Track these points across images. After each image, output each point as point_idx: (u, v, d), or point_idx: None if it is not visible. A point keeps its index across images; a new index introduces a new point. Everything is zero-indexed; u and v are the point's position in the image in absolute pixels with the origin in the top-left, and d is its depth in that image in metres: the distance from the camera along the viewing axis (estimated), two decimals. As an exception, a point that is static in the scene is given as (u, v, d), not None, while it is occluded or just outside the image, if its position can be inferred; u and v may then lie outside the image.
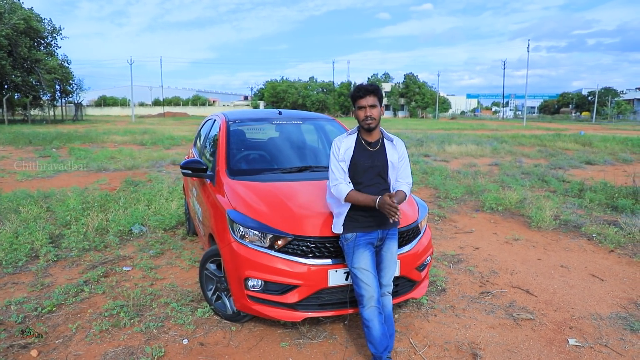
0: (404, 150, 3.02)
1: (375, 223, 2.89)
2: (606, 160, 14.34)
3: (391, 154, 2.94)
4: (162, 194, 7.55)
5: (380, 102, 2.86)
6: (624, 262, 5.07)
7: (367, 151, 2.91)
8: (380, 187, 2.92)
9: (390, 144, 2.97)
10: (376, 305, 2.82)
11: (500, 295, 4.15)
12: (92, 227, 5.72)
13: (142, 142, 19.59)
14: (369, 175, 2.90)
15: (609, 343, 3.34)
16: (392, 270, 3.00)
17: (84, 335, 3.33)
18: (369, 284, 2.81)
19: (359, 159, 2.89)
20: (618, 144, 19.41)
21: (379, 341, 2.83)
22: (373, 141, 2.93)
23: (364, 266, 2.83)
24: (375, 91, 2.84)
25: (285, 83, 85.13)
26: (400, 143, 3.03)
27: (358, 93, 2.82)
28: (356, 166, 2.89)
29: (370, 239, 2.90)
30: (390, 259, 2.97)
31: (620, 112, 77.41)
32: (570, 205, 7.57)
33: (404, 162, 3.01)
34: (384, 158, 2.92)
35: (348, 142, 2.94)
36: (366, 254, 2.86)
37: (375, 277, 2.86)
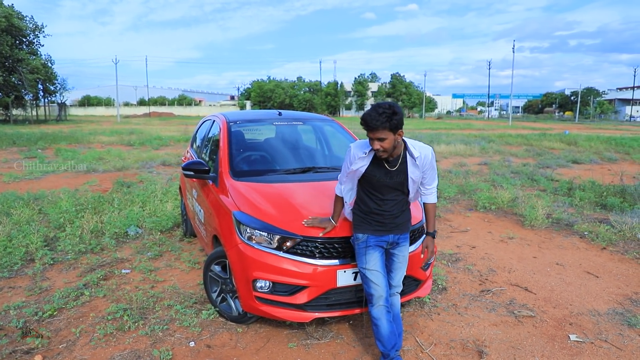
0: (431, 160, 2.78)
1: (387, 228, 2.85)
2: (592, 159, 14.61)
3: (413, 170, 2.76)
4: (156, 195, 7.48)
5: (396, 128, 2.55)
6: (616, 259, 5.19)
7: (384, 169, 2.75)
8: (398, 199, 2.84)
9: (411, 161, 2.75)
10: (385, 304, 2.84)
11: (500, 293, 4.21)
12: (88, 230, 5.65)
13: (129, 143, 19.37)
14: (386, 189, 2.80)
15: (609, 338, 3.42)
16: (402, 272, 3.00)
17: (88, 339, 3.30)
18: (378, 283, 2.82)
19: (375, 175, 2.76)
20: (602, 143, 19.79)
21: (387, 339, 2.85)
22: (393, 158, 2.73)
23: (374, 267, 2.83)
24: (385, 123, 2.51)
25: (272, 83, 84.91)
26: (427, 153, 2.77)
27: (365, 126, 2.58)
28: (371, 181, 2.78)
29: (380, 242, 2.87)
30: (402, 261, 2.96)
31: (602, 112, 78.96)
32: (561, 204, 7.70)
33: (430, 170, 2.82)
34: (404, 176, 2.77)
35: (365, 159, 2.75)
36: (376, 255, 2.85)
37: (385, 277, 2.87)
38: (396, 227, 2.87)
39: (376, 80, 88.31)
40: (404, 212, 2.91)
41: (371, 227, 2.85)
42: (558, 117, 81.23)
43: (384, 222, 2.84)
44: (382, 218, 2.83)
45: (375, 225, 2.84)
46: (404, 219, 2.91)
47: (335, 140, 4.75)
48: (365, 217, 2.87)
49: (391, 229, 2.86)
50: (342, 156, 4.50)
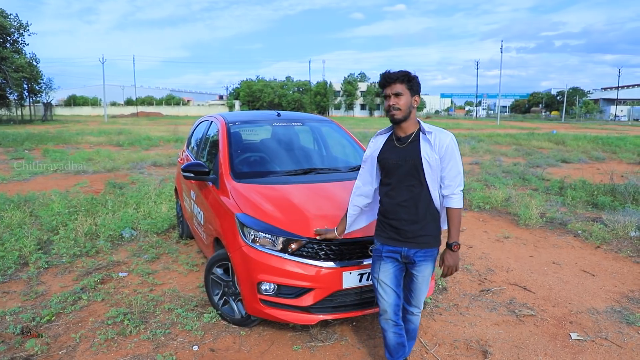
0: (447, 146, 2.47)
1: (402, 237, 2.57)
2: (580, 158, 14.80)
3: (426, 149, 2.47)
4: (149, 196, 7.39)
5: (413, 91, 2.47)
6: (610, 257, 5.25)
7: (395, 147, 2.56)
8: (414, 191, 2.51)
9: (425, 138, 2.50)
10: (391, 318, 2.70)
11: (499, 293, 4.24)
12: (82, 232, 5.56)
13: (118, 143, 19.16)
14: (399, 174, 2.53)
15: (609, 336, 3.46)
16: (423, 293, 2.70)
17: (89, 344, 3.24)
18: (386, 298, 2.66)
19: (386, 155, 2.57)
20: (589, 142, 20.06)
21: (393, 350, 2.81)
22: (404, 136, 2.55)
23: (384, 279, 2.65)
24: (403, 77, 2.44)
25: (261, 82, 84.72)
26: (444, 136, 2.49)
27: (383, 80, 2.48)
28: (384, 164, 2.59)
29: (394, 253, 2.62)
30: (422, 282, 2.65)
31: (587, 112, 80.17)
32: (554, 203, 7.78)
33: (450, 160, 2.48)
34: (415, 154, 2.48)
35: (379, 140, 2.67)
36: (388, 267, 2.63)
37: (395, 292, 2.66)
38: (413, 238, 2.55)
39: (365, 80, 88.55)
40: (423, 218, 2.54)
41: (385, 234, 2.63)
42: (545, 116, 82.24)
43: (399, 228, 2.56)
44: (397, 222, 2.56)
45: (389, 232, 2.61)
46: (423, 230, 2.54)
47: (334, 142, 4.74)
48: (382, 222, 2.66)
49: (406, 240, 2.56)
50: (342, 157, 4.52)
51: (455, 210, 2.53)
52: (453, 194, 2.52)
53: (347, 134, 4.78)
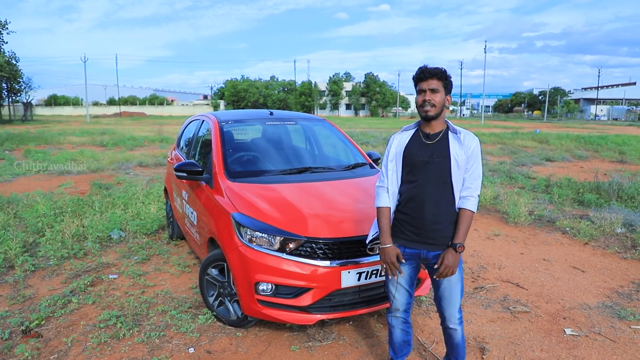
0: (475, 147, 2.46)
1: (421, 238, 2.50)
2: (564, 157, 15.04)
3: (455, 148, 2.43)
4: (137, 197, 7.28)
5: (447, 89, 2.44)
6: (599, 253, 5.34)
7: (423, 144, 2.49)
8: (439, 189, 2.45)
9: (455, 137, 2.47)
10: (400, 315, 2.69)
11: (493, 290, 4.27)
12: (69, 234, 5.45)
13: (102, 143, 18.85)
14: (426, 172, 2.45)
15: (602, 331, 3.50)
16: (455, 302, 2.57)
17: (81, 349, 3.17)
18: (398, 298, 2.65)
19: (414, 151, 2.49)
20: (572, 141, 20.40)
21: (398, 347, 2.80)
22: (432, 133, 2.50)
23: (399, 280, 2.60)
24: (440, 75, 2.40)
25: (246, 82, 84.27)
26: (471, 137, 2.48)
27: (420, 75, 2.43)
28: (410, 161, 2.49)
29: (411, 256, 2.55)
30: (451, 290, 2.54)
31: (569, 111, 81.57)
32: (541, 201, 7.89)
33: (474, 162, 2.45)
34: (445, 152, 2.43)
35: (403, 137, 2.57)
36: (404, 269, 2.57)
37: (408, 291, 2.63)
38: (434, 239, 2.47)
39: (350, 80, 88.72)
40: (446, 218, 2.48)
41: (404, 235, 2.54)
42: (527, 116, 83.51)
43: (418, 228, 2.49)
44: (419, 222, 2.48)
45: (409, 233, 2.52)
46: (445, 231, 2.47)
47: (328, 140, 4.72)
48: (401, 221, 2.55)
49: (426, 242, 2.49)
50: (337, 156, 4.50)
51: (469, 212, 2.47)
52: (471, 196, 2.47)
53: (340, 133, 4.76)
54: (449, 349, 2.77)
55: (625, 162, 14.08)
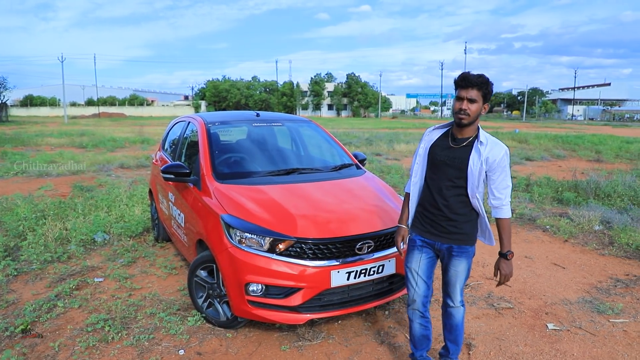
0: (500, 159, 2.50)
1: (437, 230, 2.64)
2: (543, 156, 15.37)
3: (474, 158, 2.50)
4: (121, 199, 7.20)
5: (485, 99, 2.47)
6: (578, 250, 5.49)
7: (448, 146, 2.59)
8: (455, 190, 2.57)
9: (478, 147, 2.52)
10: (419, 309, 2.78)
11: (477, 287, 4.36)
12: (52, 237, 5.36)
13: (81, 145, 18.53)
14: (444, 171, 2.57)
15: (583, 325, 3.62)
16: (456, 287, 2.71)
17: (69, 353, 3.13)
18: (415, 288, 2.74)
19: (437, 151, 2.61)
20: (550, 141, 20.85)
21: (418, 341, 2.88)
22: (460, 137, 2.58)
23: (416, 268, 2.72)
24: (481, 85, 2.42)
25: (227, 82, 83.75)
26: (498, 149, 2.51)
27: (461, 82, 2.46)
28: (432, 159, 2.63)
29: (425, 243, 2.70)
30: (456, 276, 2.68)
31: (546, 111, 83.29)
32: (522, 200, 8.06)
33: (501, 173, 2.52)
34: (464, 158, 2.52)
35: (433, 135, 2.70)
36: (421, 257, 2.71)
37: (425, 282, 2.73)
38: (447, 234, 2.61)
39: (332, 80, 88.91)
40: (460, 218, 2.60)
41: (422, 226, 2.70)
42: (506, 116, 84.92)
43: (435, 222, 2.63)
44: (435, 217, 2.63)
45: (426, 225, 2.68)
46: (458, 228, 2.59)
47: (314, 142, 4.76)
48: (421, 213, 2.72)
49: (441, 235, 2.63)
50: (324, 158, 4.54)
51: (505, 220, 2.58)
52: (503, 205, 2.56)
53: (326, 134, 4.80)
54: (448, 331, 2.84)
55: (601, 161, 14.47)
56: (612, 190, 8.16)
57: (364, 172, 4.32)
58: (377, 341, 3.36)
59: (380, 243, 3.26)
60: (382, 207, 3.53)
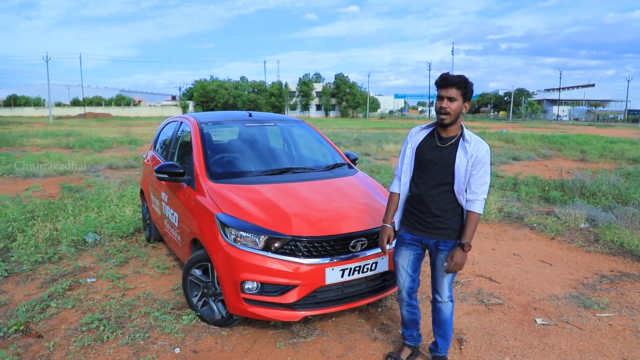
0: (482, 156, 2.61)
1: (425, 227, 2.76)
2: (529, 156, 15.60)
3: (461, 155, 2.62)
4: (111, 199, 7.16)
5: (466, 97, 2.58)
6: (565, 248, 5.61)
7: (435, 145, 2.69)
8: (441, 187, 2.67)
9: (463, 145, 2.63)
10: (404, 298, 2.98)
11: (468, 284, 4.44)
12: (42, 238, 5.33)
13: (68, 145, 18.33)
14: (432, 171, 2.68)
15: (570, 320, 3.72)
16: (444, 281, 2.82)
17: (64, 353, 3.14)
18: (401, 280, 2.94)
19: (425, 151, 2.71)
20: (536, 140, 21.14)
21: (407, 324, 3.08)
22: (446, 137, 2.68)
23: (402, 263, 2.89)
24: (460, 84, 2.54)
25: (215, 82, 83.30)
26: (481, 146, 2.63)
27: (441, 82, 2.57)
28: (420, 159, 2.73)
29: (414, 241, 2.83)
30: (439, 270, 2.80)
31: (532, 112, 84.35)
32: (510, 199, 8.18)
33: (481, 169, 2.62)
34: (451, 157, 2.63)
35: (419, 135, 2.79)
36: (407, 253, 2.86)
37: (410, 275, 2.90)
38: (434, 230, 2.73)
39: (321, 81, 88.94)
40: (446, 214, 2.70)
41: (410, 223, 2.82)
42: (493, 116, 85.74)
43: (422, 218, 2.75)
44: (421, 214, 2.74)
45: (414, 222, 2.79)
46: (444, 224, 2.71)
47: (306, 141, 4.80)
48: (409, 211, 2.83)
49: (428, 231, 2.75)
50: (316, 157, 4.58)
51: (475, 214, 2.67)
52: (477, 199, 2.65)
53: (318, 134, 4.85)
54: (437, 326, 2.96)
55: (586, 161, 14.73)
56: (597, 189, 8.33)
57: (356, 171, 4.38)
58: (371, 337, 3.41)
59: (374, 241, 3.31)
60: (374, 205, 3.58)
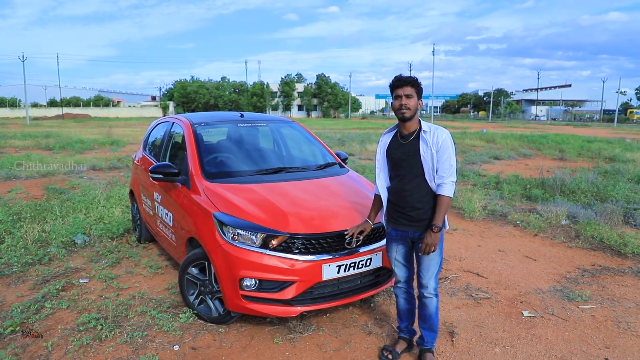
0: (442, 141, 2.79)
1: (408, 220, 2.91)
2: (510, 155, 15.95)
3: (423, 146, 2.82)
4: (98, 201, 7.11)
5: (419, 95, 2.83)
6: (547, 244, 5.81)
7: (400, 143, 2.91)
8: (415, 181, 2.86)
9: (424, 136, 2.83)
10: (403, 286, 3.12)
11: (456, 279, 4.58)
12: (31, 240, 5.28)
13: (48, 147, 18.00)
14: (403, 167, 2.88)
15: (555, 312, 3.87)
16: (429, 273, 2.95)
17: (63, 352, 3.15)
18: (398, 272, 3.11)
19: (393, 151, 2.93)
20: (516, 140, 21.59)
21: (402, 314, 3.21)
22: (407, 133, 2.89)
23: (397, 257, 3.07)
24: (414, 82, 2.80)
25: (196, 83, 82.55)
26: (440, 132, 2.83)
27: (397, 82, 2.81)
28: (391, 159, 2.95)
29: (403, 236, 2.98)
30: (429, 263, 2.93)
31: (511, 112, 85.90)
32: (493, 197, 8.40)
33: (444, 153, 2.78)
34: (415, 150, 2.83)
35: (386, 138, 3.02)
36: (399, 248, 3.04)
37: (405, 266, 3.07)
38: (417, 222, 2.88)
39: (302, 81, 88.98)
40: (425, 205, 2.86)
41: (395, 220, 2.99)
42: (473, 116, 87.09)
43: (404, 213, 2.90)
44: (403, 209, 2.91)
45: (398, 218, 2.96)
46: (425, 215, 2.86)
47: (298, 141, 4.88)
48: (392, 209, 2.99)
49: (412, 224, 2.90)
50: (309, 157, 4.66)
51: (445, 197, 2.82)
52: (444, 183, 2.81)
53: (309, 134, 4.93)
54: (423, 321, 3.08)
55: (565, 160, 15.14)
56: (576, 187, 8.60)
57: (348, 170, 4.47)
58: (365, 332, 3.51)
59: (368, 237, 3.40)
60: (367, 204, 3.64)
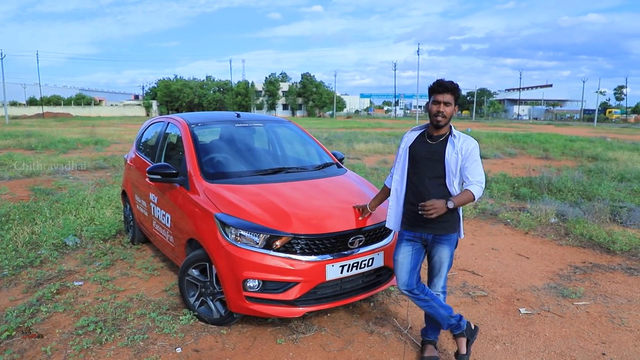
0: (471, 149, 2.83)
1: (419, 223, 2.90)
2: (496, 154, 16.17)
3: (450, 150, 2.84)
4: (88, 201, 7.00)
5: (456, 102, 2.85)
6: (538, 241, 5.91)
7: (426, 142, 2.93)
8: (435, 181, 2.86)
9: (452, 141, 2.86)
10: (403, 290, 3.05)
11: (452, 278, 4.63)
12: (22, 242, 5.18)
13: (30, 147, 17.62)
14: (425, 165, 2.88)
15: (551, 309, 3.95)
16: (440, 276, 3.04)
17: (63, 356, 3.10)
18: (398, 275, 3.05)
19: (417, 148, 2.94)
20: (501, 139, 21.90)
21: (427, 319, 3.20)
22: (436, 135, 2.92)
23: (400, 259, 3.02)
24: (454, 90, 2.82)
25: (179, 82, 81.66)
26: (470, 141, 2.86)
27: (438, 88, 2.81)
28: (413, 155, 2.94)
29: (414, 237, 2.97)
30: (439, 262, 2.99)
31: (494, 111, 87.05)
32: (483, 196, 8.48)
33: (473, 162, 2.82)
34: (441, 151, 2.85)
35: (412, 135, 3.04)
36: (407, 249, 2.99)
37: (408, 271, 3.00)
38: (431, 223, 2.85)
39: (287, 80, 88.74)
40: None
41: (407, 220, 2.98)
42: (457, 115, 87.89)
43: (415, 215, 2.88)
44: (414, 211, 2.87)
45: (411, 218, 2.94)
46: (441, 218, 2.79)
47: (295, 141, 4.87)
48: (407, 210, 2.98)
49: (426, 225, 2.88)
50: (307, 157, 4.66)
51: (470, 192, 2.80)
52: (474, 183, 2.83)
53: (306, 134, 4.93)
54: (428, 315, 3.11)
55: (549, 159, 15.41)
56: (563, 185, 8.76)
57: (345, 170, 4.49)
58: (367, 331, 3.53)
59: (370, 237, 3.43)
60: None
